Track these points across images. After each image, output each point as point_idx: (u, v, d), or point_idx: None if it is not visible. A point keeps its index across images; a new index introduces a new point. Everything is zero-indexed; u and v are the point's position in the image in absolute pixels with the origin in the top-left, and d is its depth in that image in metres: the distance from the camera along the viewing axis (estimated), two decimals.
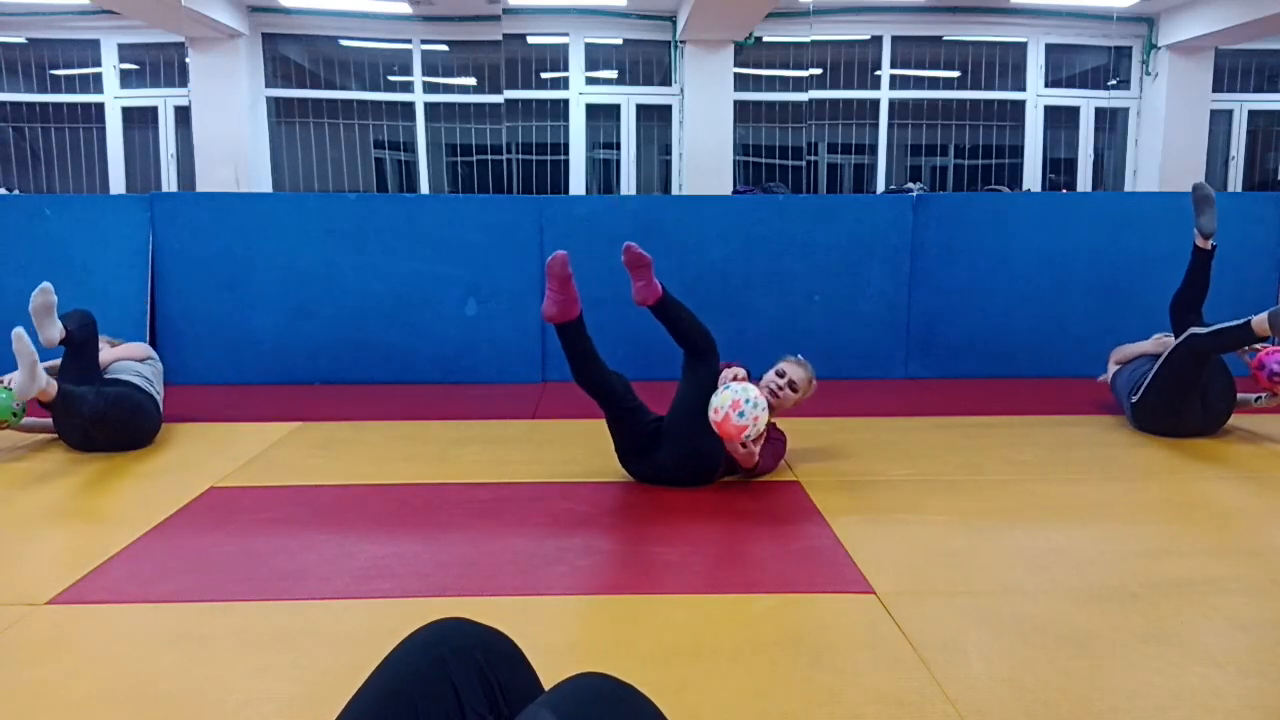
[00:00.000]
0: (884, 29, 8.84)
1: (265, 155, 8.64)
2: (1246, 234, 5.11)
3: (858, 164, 9.18)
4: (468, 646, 1.11)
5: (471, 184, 9.02)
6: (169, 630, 1.98)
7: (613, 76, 8.95)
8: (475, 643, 1.12)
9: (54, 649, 1.90)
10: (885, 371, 5.09)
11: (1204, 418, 3.63)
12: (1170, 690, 1.70)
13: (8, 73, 8.70)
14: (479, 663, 1.09)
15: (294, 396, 4.57)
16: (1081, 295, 5.09)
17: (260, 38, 8.49)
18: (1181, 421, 3.62)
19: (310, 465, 3.30)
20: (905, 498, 2.91)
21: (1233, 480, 3.13)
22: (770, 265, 5.02)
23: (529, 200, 5.06)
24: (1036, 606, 2.08)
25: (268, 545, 2.49)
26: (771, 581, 2.22)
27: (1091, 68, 9.13)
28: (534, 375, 5.02)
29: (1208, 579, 2.23)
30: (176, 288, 4.90)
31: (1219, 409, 3.63)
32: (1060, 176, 9.22)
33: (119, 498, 2.96)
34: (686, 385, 3.00)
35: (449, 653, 1.09)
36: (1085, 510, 2.78)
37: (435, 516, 2.72)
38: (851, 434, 3.72)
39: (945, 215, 5.07)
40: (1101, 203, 5.60)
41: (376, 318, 4.97)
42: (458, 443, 3.60)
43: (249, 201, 5.45)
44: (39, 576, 2.26)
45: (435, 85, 8.90)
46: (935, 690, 1.70)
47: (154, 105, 8.68)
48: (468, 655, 1.09)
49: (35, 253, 4.83)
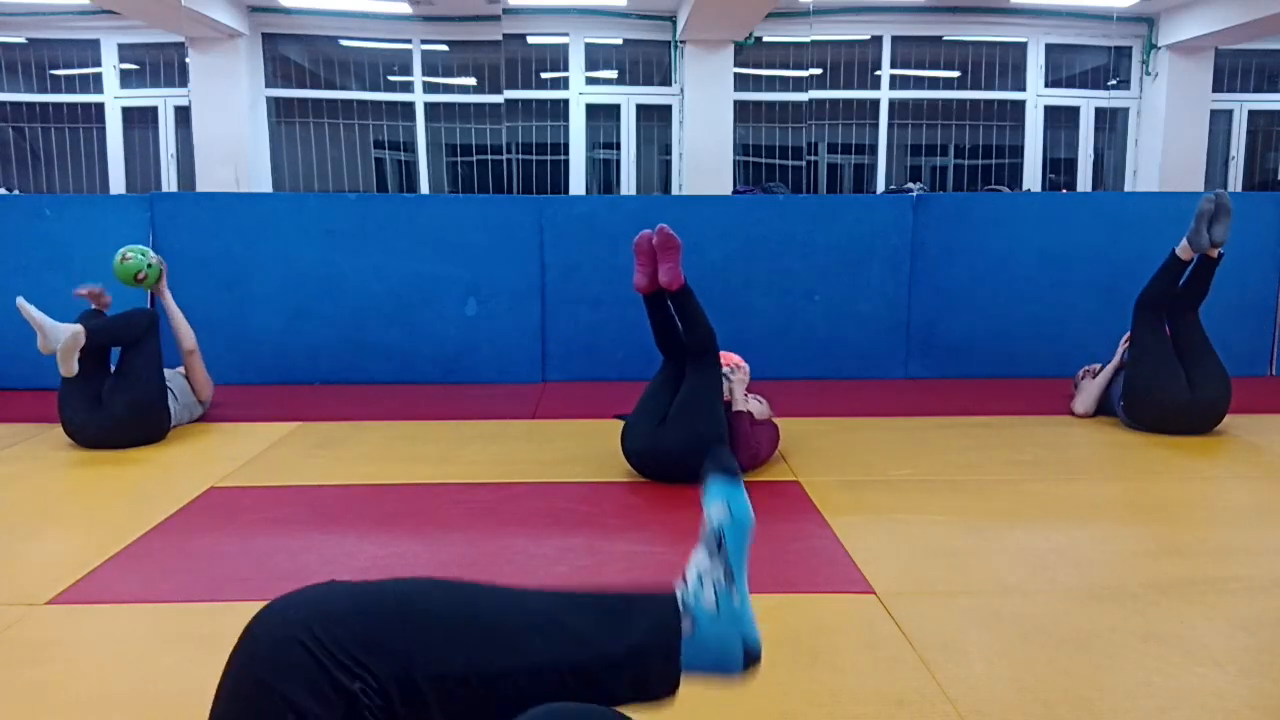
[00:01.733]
0: (884, 29, 8.84)
1: (265, 155, 8.64)
2: (1246, 234, 5.10)
3: (858, 164, 9.18)
4: (289, 637, 1.01)
5: (471, 184, 9.02)
6: (169, 630, 1.98)
7: (613, 76, 8.95)
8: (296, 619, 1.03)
9: (54, 649, 1.89)
10: (885, 371, 5.09)
11: (1190, 390, 3.61)
12: (1170, 690, 1.70)
13: (8, 73, 8.70)
14: (315, 638, 1.00)
15: (294, 396, 4.57)
16: (1081, 295, 5.08)
17: (260, 38, 8.49)
18: (1167, 395, 3.62)
19: (310, 465, 3.30)
20: (905, 498, 2.91)
21: (1233, 480, 3.13)
22: (770, 265, 5.01)
23: (529, 200, 5.06)
24: (1036, 606, 2.08)
25: (268, 545, 2.49)
26: (771, 581, 2.21)
27: (1091, 68, 9.13)
28: (534, 375, 5.02)
29: (1208, 579, 2.23)
30: (176, 288, 4.86)
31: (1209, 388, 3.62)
32: (1060, 176, 9.22)
33: (119, 497, 2.96)
34: (695, 379, 3.04)
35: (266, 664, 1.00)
36: (1085, 510, 2.78)
37: (435, 516, 2.72)
38: (851, 434, 3.72)
39: (945, 215, 5.07)
40: (1101, 203, 5.60)
41: (376, 318, 4.96)
42: (458, 443, 3.60)
43: (249, 201, 5.45)
44: (39, 576, 2.26)
45: (435, 85, 8.90)
46: (935, 690, 1.70)
47: (154, 105, 8.68)
48: (294, 641, 1.00)
49: (35, 253, 4.82)
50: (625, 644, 1.13)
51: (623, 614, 1.16)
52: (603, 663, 1.11)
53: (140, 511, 2.75)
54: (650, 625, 1.16)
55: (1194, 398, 3.61)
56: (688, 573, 1.26)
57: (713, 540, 1.27)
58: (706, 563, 1.25)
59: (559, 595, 1.20)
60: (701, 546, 1.27)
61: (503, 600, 1.15)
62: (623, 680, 1.13)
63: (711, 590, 1.22)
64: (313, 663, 0.98)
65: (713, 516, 1.29)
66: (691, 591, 1.22)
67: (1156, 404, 3.65)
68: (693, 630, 1.17)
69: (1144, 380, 3.68)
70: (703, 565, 1.25)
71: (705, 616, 1.19)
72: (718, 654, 1.19)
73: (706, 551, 1.26)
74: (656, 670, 1.15)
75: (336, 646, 0.99)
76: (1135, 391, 3.71)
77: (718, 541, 1.26)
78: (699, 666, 1.18)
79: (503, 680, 1.06)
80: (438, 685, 1.02)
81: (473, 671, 1.04)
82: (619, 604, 1.19)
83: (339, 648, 0.99)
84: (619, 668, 1.12)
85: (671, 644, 1.16)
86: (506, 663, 1.06)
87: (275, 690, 0.97)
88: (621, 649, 1.13)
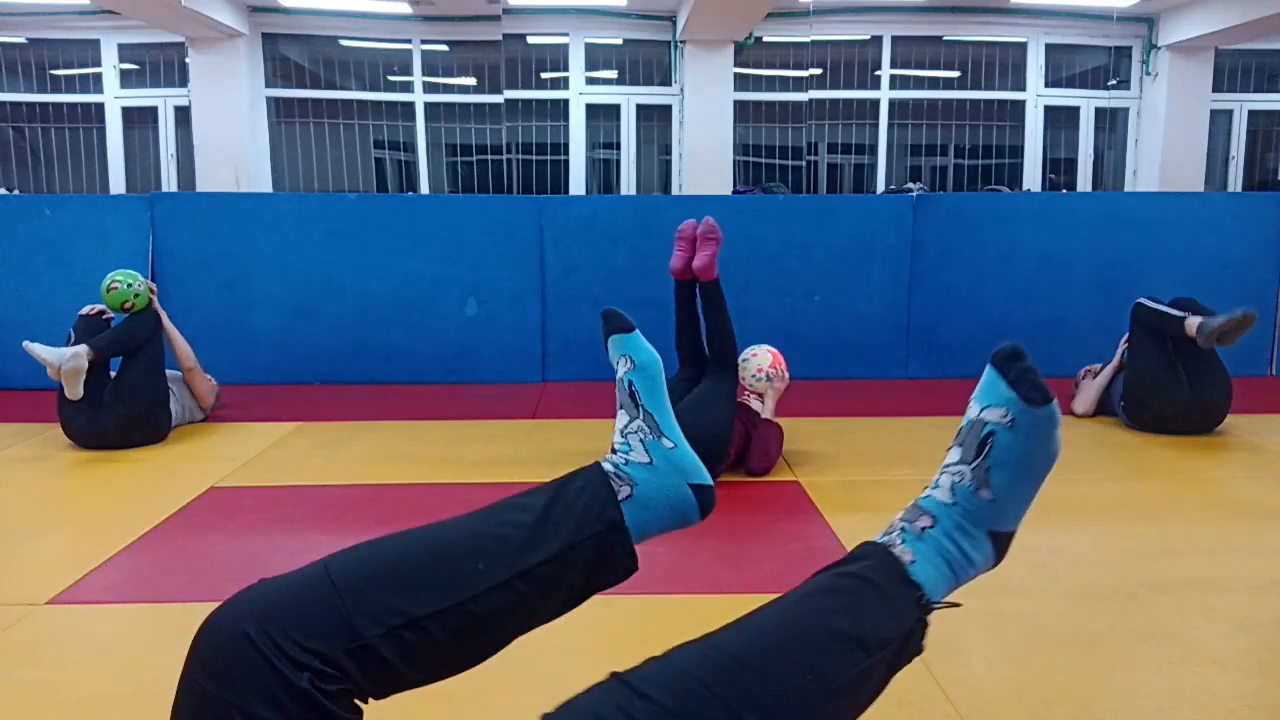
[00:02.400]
0: (884, 29, 8.84)
1: (265, 155, 8.64)
2: (1246, 234, 5.11)
3: (858, 164, 9.18)
4: (231, 639, 0.96)
5: (471, 184, 9.02)
6: (169, 630, 1.98)
7: (613, 76, 8.95)
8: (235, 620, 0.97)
9: (54, 649, 1.90)
10: (885, 371, 5.09)
11: (1190, 391, 3.61)
12: (1170, 690, 1.70)
13: (8, 73, 8.70)
14: (263, 634, 0.94)
15: (294, 396, 4.57)
16: (1081, 295, 5.09)
17: (260, 38, 8.49)
18: (1168, 396, 3.62)
19: (310, 465, 3.30)
20: (905, 498, 2.88)
21: (1232, 480, 3.13)
22: (770, 265, 5.01)
23: (529, 200, 5.06)
24: (1036, 606, 2.08)
25: (268, 545, 2.49)
26: (772, 582, 2.21)
27: (1091, 68, 9.13)
28: (534, 375, 5.02)
29: (1208, 579, 2.23)
30: (176, 288, 4.90)
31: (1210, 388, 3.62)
32: (1060, 176, 9.21)
33: (119, 498, 2.96)
34: (711, 383, 3.06)
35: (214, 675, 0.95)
36: (1085, 510, 2.78)
37: (435, 516, 2.70)
38: (851, 434, 3.72)
39: (945, 215, 5.07)
40: (1101, 203, 5.60)
41: (376, 318, 4.96)
42: (458, 443, 3.60)
43: (249, 201, 5.45)
44: (39, 576, 2.26)
45: (435, 85, 8.90)
46: (935, 690, 1.70)
47: (154, 105, 8.68)
48: (238, 643, 0.95)
49: (35, 253, 4.83)
50: (566, 533, 1.06)
51: (553, 505, 1.09)
52: (550, 559, 1.05)
53: (140, 511, 2.75)
54: (585, 503, 1.09)
55: (1195, 399, 3.61)
56: (613, 441, 1.20)
57: (625, 394, 1.22)
58: (625, 420, 1.20)
59: (485, 511, 1.13)
60: (620, 410, 1.23)
61: (431, 536, 1.09)
62: (578, 569, 1.08)
63: (640, 445, 1.17)
64: (261, 662, 0.92)
65: (619, 370, 1.26)
66: (620, 455, 1.17)
67: (1157, 406, 3.65)
68: (632, 491, 1.12)
69: (1145, 382, 3.68)
70: (622, 424, 1.20)
71: (640, 472, 1.14)
72: (666, 505, 1.14)
73: (624, 410, 1.22)
74: (607, 546, 1.09)
75: (282, 637, 0.94)
76: (1136, 393, 3.71)
77: (630, 394, 1.22)
78: (653, 525, 1.13)
79: (456, 612, 1.01)
80: (392, 640, 0.97)
81: (422, 614, 0.98)
82: (546, 498, 1.11)
83: (284, 638, 0.94)
84: (568, 558, 1.06)
85: (612, 514, 1.09)
86: (455, 595, 1.01)
87: (227, 702, 0.92)
88: (564, 539, 1.06)
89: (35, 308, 4.72)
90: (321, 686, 0.93)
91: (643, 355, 1.26)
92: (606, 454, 1.19)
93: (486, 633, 1.04)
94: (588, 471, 1.14)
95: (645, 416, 1.20)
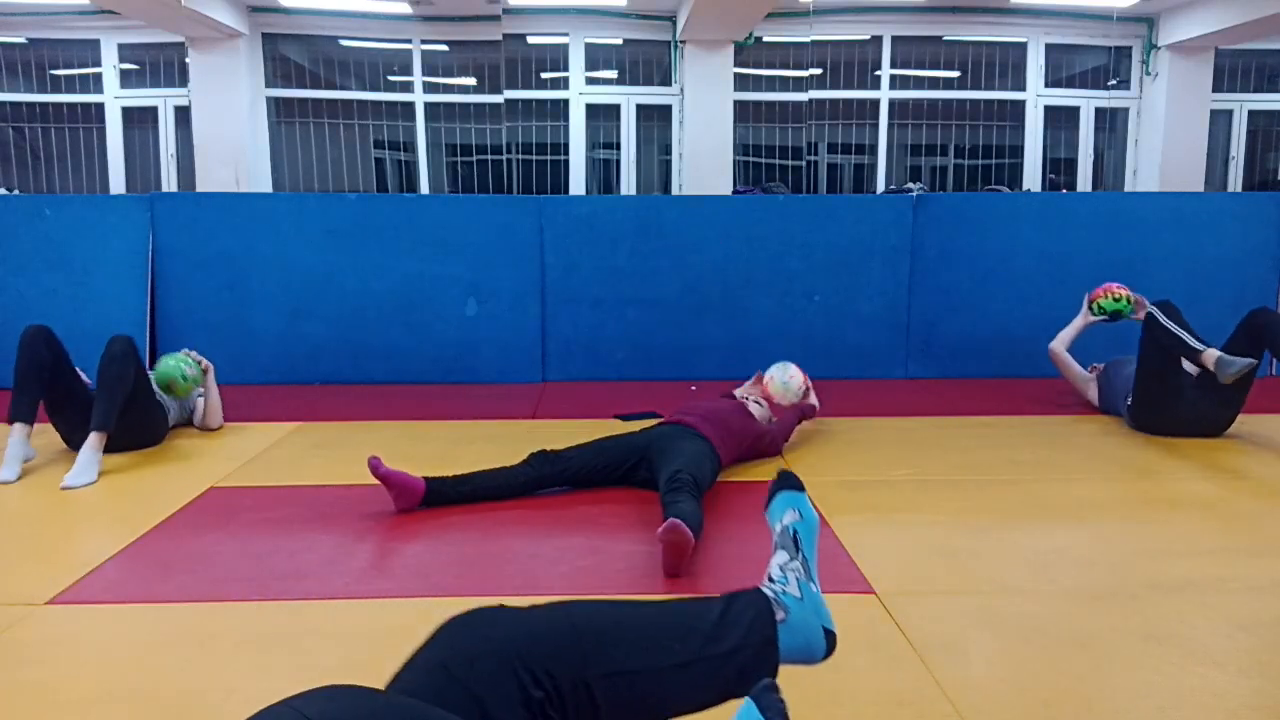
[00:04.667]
0: (884, 29, 8.84)
1: (265, 155, 8.64)
2: (1246, 234, 5.11)
3: (858, 164, 9.18)
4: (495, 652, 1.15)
5: (471, 184, 9.02)
6: (169, 630, 1.98)
7: (613, 76, 8.95)
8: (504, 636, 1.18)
9: (54, 649, 1.90)
10: (885, 371, 5.09)
11: (1200, 409, 3.60)
12: (1170, 690, 1.70)
13: (8, 73, 8.70)
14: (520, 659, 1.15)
15: (294, 396, 4.57)
16: (1081, 295, 5.08)
17: (260, 38, 8.49)
18: (1176, 412, 3.61)
19: (310, 465, 3.30)
20: (905, 498, 2.91)
21: (1233, 480, 3.13)
22: (770, 265, 5.01)
23: (529, 200, 5.06)
24: (1036, 606, 2.08)
25: (268, 545, 2.49)
26: None
27: (1091, 68, 9.13)
28: (534, 375, 5.02)
29: (1208, 579, 2.23)
30: (176, 288, 4.90)
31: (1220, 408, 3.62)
32: (1060, 176, 9.22)
33: (119, 498, 2.96)
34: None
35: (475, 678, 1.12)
36: (1085, 510, 2.78)
37: (435, 516, 2.72)
38: (851, 434, 3.72)
39: (945, 215, 5.06)
40: (1101, 203, 5.60)
41: (376, 318, 4.96)
42: (458, 443, 3.60)
43: (249, 201, 5.45)
44: (39, 576, 2.26)
45: (435, 85, 8.90)
46: (935, 690, 1.70)
47: (154, 105, 8.68)
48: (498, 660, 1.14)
49: (35, 253, 4.83)
50: (738, 636, 1.28)
51: (727, 613, 1.31)
52: (724, 654, 1.26)
53: (140, 511, 2.75)
54: (752, 619, 1.31)
55: (1205, 412, 3.60)
56: (771, 571, 1.44)
57: (789, 539, 1.50)
58: (784, 558, 1.46)
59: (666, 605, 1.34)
60: (779, 549, 1.50)
61: (639, 611, 1.31)
62: (734, 668, 1.27)
63: (795, 582, 1.41)
64: (511, 674, 1.12)
65: (785, 520, 1.54)
66: (779, 585, 1.40)
67: (1168, 416, 3.63)
68: (786, 617, 1.33)
69: (1154, 394, 3.63)
70: (781, 561, 1.46)
71: (794, 604, 1.36)
72: (805, 638, 1.35)
73: (784, 551, 1.48)
74: (760, 656, 1.29)
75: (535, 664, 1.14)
76: (1145, 401, 3.68)
77: (794, 540, 1.49)
78: (790, 651, 1.33)
79: (658, 676, 1.22)
80: (607, 685, 1.17)
81: (635, 670, 1.20)
82: (721, 606, 1.32)
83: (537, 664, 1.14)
84: (733, 658, 1.27)
85: (772, 631, 1.31)
86: (660, 661, 1.22)
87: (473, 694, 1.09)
88: (735, 641, 1.28)
89: (35, 308, 4.72)
90: (547, 712, 1.13)
91: (810, 514, 1.56)
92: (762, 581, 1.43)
93: (665, 697, 1.24)
94: (752, 593, 1.37)
95: (802, 560, 1.46)
